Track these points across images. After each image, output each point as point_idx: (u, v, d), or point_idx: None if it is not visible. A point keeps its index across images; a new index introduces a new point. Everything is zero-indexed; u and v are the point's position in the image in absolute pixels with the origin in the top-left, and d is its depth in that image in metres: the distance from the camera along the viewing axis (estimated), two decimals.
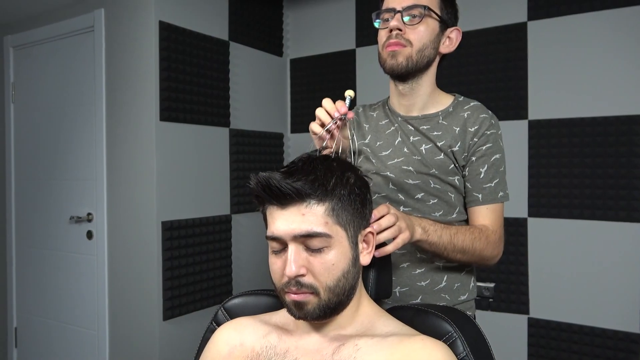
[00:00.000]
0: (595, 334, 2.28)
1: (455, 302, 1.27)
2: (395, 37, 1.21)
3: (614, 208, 2.25)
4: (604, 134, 2.26)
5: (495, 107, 2.44)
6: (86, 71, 2.65)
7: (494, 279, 2.48)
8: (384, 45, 1.24)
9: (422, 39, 1.22)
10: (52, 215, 2.85)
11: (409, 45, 1.22)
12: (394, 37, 1.22)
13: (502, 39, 2.48)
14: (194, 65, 2.53)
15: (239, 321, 0.98)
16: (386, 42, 1.23)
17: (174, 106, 2.43)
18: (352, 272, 0.87)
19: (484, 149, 1.23)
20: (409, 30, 1.21)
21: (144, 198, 2.40)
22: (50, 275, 2.87)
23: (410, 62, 1.22)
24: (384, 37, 1.25)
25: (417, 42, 1.22)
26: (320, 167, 0.87)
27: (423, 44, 1.23)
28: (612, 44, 2.25)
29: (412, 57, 1.22)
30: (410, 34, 1.21)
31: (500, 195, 1.24)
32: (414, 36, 1.22)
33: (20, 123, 3.03)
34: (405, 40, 1.21)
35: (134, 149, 2.44)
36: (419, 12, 1.20)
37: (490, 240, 1.20)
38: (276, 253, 0.87)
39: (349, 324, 0.89)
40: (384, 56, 1.25)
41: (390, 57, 1.23)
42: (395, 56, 1.22)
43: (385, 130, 1.33)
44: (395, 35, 1.21)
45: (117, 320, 2.54)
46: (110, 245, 2.56)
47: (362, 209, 0.90)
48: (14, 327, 3.05)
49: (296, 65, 3.17)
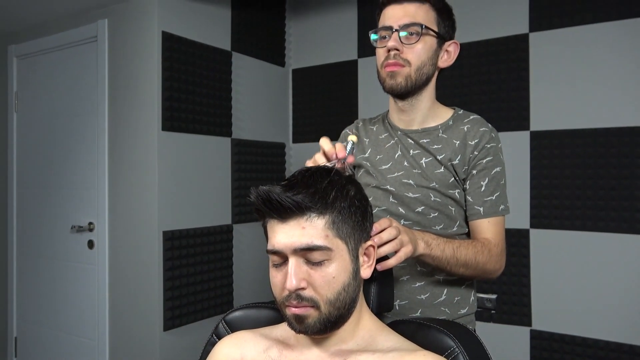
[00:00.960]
0: (599, 347, 2.26)
1: (455, 316, 1.26)
2: (393, 58, 1.21)
3: (616, 219, 2.24)
4: (606, 145, 2.26)
5: (497, 118, 2.44)
6: (89, 81, 2.66)
7: (496, 290, 2.47)
8: (382, 64, 1.24)
9: (420, 57, 1.22)
10: (53, 225, 2.85)
11: (408, 65, 1.22)
12: (392, 58, 1.21)
13: (504, 51, 2.48)
14: (197, 75, 2.54)
15: (239, 335, 0.97)
16: (384, 61, 1.23)
17: (176, 116, 2.43)
18: (352, 285, 0.86)
19: (484, 162, 1.23)
20: (407, 49, 1.21)
21: (146, 207, 2.40)
22: (51, 285, 2.86)
23: (409, 81, 1.23)
24: (382, 57, 1.24)
25: (415, 61, 1.22)
26: (320, 180, 0.86)
27: (421, 62, 1.22)
28: (613, 56, 2.25)
29: (411, 76, 1.22)
30: (408, 53, 1.21)
31: (501, 208, 1.23)
32: (412, 55, 1.21)
33: (22, 132, 3.04)
34: (404, 60, 1.21)
35: (135, 159, 2.45)
36: (416, 30, 1.20)
37: (492, 254, 1.19)
38: (277, 266, 0.86)
39: (350, 338, 0.89)
40: (382, 75, 1.25)
41: (390, 77, 1.23)
42: (394, 76, 1.23)
43: (385, 144, 1.33)
44: (394, 56, 1.21)
45: (117, 330, 2.53)
46: (111, 255, 2.55)
47: (363, 221, 0.90)
48: (14, 336, 3.04)
49: (298, 76, 3.18)
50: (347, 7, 2.98)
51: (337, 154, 1.04)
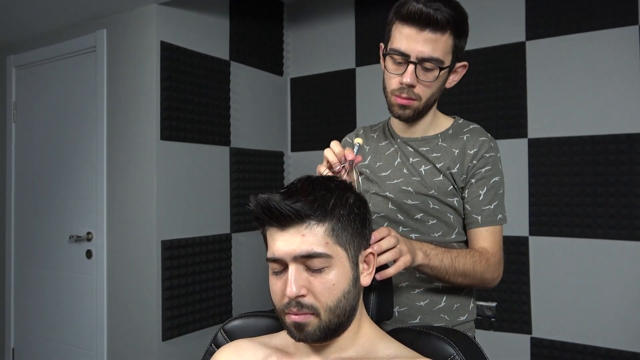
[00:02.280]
0: (599, 354, 2.25)
1: (454, 322, 1.26)
2: (407, 93, 1.20)
3: (615, 226, 2.24)
4: (604, 152, 2.27)
5: (494, 125, 2.45)
6: (88, 91, 2.67)
7: (496, 298, 2.46)
8: (393, 92, 1.22)
9: (431, 91, 1.22)
10: (51, 234, 2.84)
11: (418, 100, 1.21)
12: (405, 93, 1.20)
13: (501, 59, 2.50)
14: (195, 84, 2.55)
15: (238, 343, 0.97)
16: (396, 91, 1.21)
17: (174, 125, 2.44)
18: (352, 292, 0.86)
19: (483, 172, 1.23)
20: (420, 85, 1.19)
21: (144, 217, 2.40)
22: (49, 295, 2.85)
23: (417, 111, 1.23)
24: (394, 84, 1.21)
25: (426, 95, 1.21)
26: (320, 187, 0.87)
27: (431, 95, 1.22)
28: (610, 63, 2.27)
29: (420, 108, 1.23)
30: (420, 89, 1.20)
31: (499, 217, 1.24)
32: (424, 92, 1.20)
33: (21, 142, 3.04)
34: (415, 95, 1.20)
35: (134, 168, 2.45)
36: (432, 66, 1.17)
37: (490, 263, 1.19)
38: (276, 274, 0.86)
39: (349, 346, 0.88)
40: (392, 101, 1.24)
41: (399, 107, 1.23)
42: (403, 108, 1.23)
43: (385, 151, 1.34)
44: (407, 91, 1.20)
45: (115, 340, 2.52)
46: (110, 265, 2.54)
47: (362, 229, 0.90)
48: (11, 347, 3.03)
49: (296, 85, 3.19)
50: (344, 17, 3.00)
51: (347, 156, 1.05)
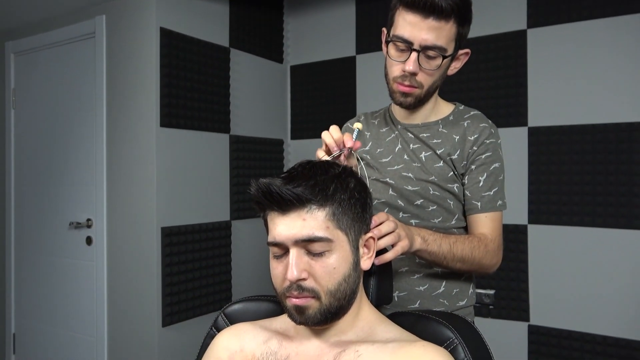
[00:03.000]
0: (596, 342, 2.27)
1: (453, 307, 1.27)
2: (408, 81, 1.20)
3: (614, 215, 2.25)
4: (604, 141, 2.27)
5: (495, 114, 2.45)
6: (87, 77, 2.66)
7: (494, 285, 2.48)
8: (394, 78, 1.22)
9: (433, 79, 1.22)
10: (51, 221, 2.85)
11: (420, 87, 1.21)
12: (408, 81, 1.20)
13: (502, 46, 2.49)
14: (195, 71, 2.54)
15: (239, 327, 0.98)
16: (398, 78, 1.21)
17: (174, 112, 2.43)
18: (353, 276, 0.86)
19: (483, 158, 1.24)
20: (422, 73, 1.19)
21: (144, 204, 2.40)
22: (49, 281, 2.86)
23: (418, 99, 1.23)
24: (396, 71, 1.21)
25: (428, 83, 1.21)
26: (320, 172, 0.87)
27: (433, 82, 1.22)
28: (611, 51, 2.26)
29: (422, 95, 1.23)
30: (423, 77, 1.20)
31: (499, 204, 1.24)
32: (426, 80, 1.20)
33: (20, 129, 3.03)
34: (418, 83, 1.20)
35: (134, 155, 2.45)
36: (435, 54, 1.16)
37: (489, 249, 1.20)
38: (277, 258, 0.87)
39: (349, 329, 0.89)
40: (393, 88, 1.24)
41: (400, 95, 1.23)
42: (405, 96, 1.23)
43: (386, 138, 1.34)
44: (409, 79, 1.20)
45: (115, 326, 2.53)
46: (110, 251, 2.55)
47: (363, 213, 0.90)
48: (12, 333, 3.04)
49: (296, 72, 3.18)
50: (345, 4, 2.98)
51: (345, 143, 1.05)
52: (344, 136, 1.06)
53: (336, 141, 1.06)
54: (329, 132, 1.08)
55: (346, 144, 1.05)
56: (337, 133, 1.07)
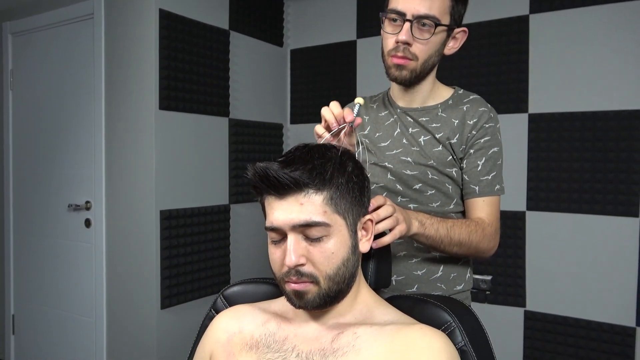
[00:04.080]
0: (591, 328, 2.29)
1: (451, 292, 1.27)
2: (402, 52, 1.19)
3: (612, 202, 2.25)
4: (605, 128, 2.26)
5: (495, 100, 2.44)
6: (85, 59, 2.64)
7: (491, 271, 2.49)
8: (389, 52, 1.22)
9: (428, 52, 1.21)
10: (50, 203, 2.85)
11: (415, 59, 1.20)
12: (401, 51, 1.19)
13: (503, 32, 2.47)
14: (194, 54, 2.52)
15: (238, 309, 0.98)
16: (392, 50, 1.21)
17: (173, 95, 2.42)
18: (351, 260, 0.87)
19: (482, 142, 1.23)
20: (416, 43, 1.19)
21: (143, 187, 2.40)
22: (48, 263, 2.87)
23: (414, 74, 1.22)
24: (390, 45, 1.21)
25: (422, 55, 1.20)
26: (318, 155, 0.86)
27: (429, 56, 1.21)
28: (614, 38, 2.25)
29: (417, 69, 1.22)
30: (417, 48, 1.19)
31: (497, 188, 1.24)
32: (420, 51, 1.20)
33: (18, 110, 3.02)
34: (412, 55, 1.20)
35: (133, 137, 2.44)
36: (429, 24, 1.16)
37: (486, 233, 1.20)
38: (275, 243, 0.86)
39: (347, 312, 0.90)
40: (388, 63, 1.24)
41: (395, 68, 1.22)
42: (400, 69, 1.22)
43: (385, 122, 1.33)
44: (403, 50, 1.19)
45: (114, 308, 2.55)
46: (109, 234, 2.55)
47: (361, 196, 0.90)
48: (11, 314, 3.06)
49: (296, 56, 3.16)
50: None
51: (345, 117, 1.03)
52: (344, 111, 1.04)
53: (336, 117, 1.04)
54: (329, 108, 1.06)
55: (346, 119, 1.03)
56: (338, 108, 1.05)
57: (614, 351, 2.24)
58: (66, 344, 2.78)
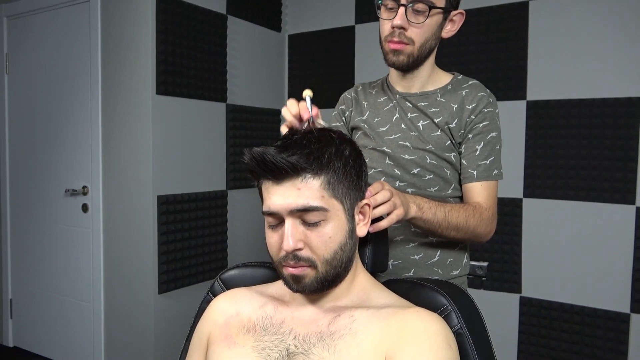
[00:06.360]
0: (585, 314, 2.31)
1: (447, 276, 1.28)
2: (398, 36, 1.19)
3: (609, 190, 2.26)
4: (602, 115, 2.26)
5: (494, 87, 2.40)
6: (82, 42, 2.62)
7: (488, 258, 2.50)
8: (385, 38, 1.22)
9: (424, 35, 1.20)
10: (47, 188, 2.84)
11: (411, 44, 1.20)
12: (397, 36, 1.19)
13: (503, 19, 2.45)
14: (191, 38, 2.50)
15: (235, 292, 0.98)
16: (388, 36, 1.21)
17: (170, 80, 2.41)
18: (349, 244, 0.87)
19: (480, 127, 1.23)
20: (412, 27, 1.19)
21: (140, 172, 2.39)
22: (46, 248, 2.87)
23: (412, 58, 1.22)
24: (386, 30, 1.22)
25: (419, 39, 1.20)
26: (315, 140, 0.85)
27: (425, 40, 1.21)
28: (613, 26, 2.24)
29: (414, 54, 1.22)
30: (413, 32, 1.19)
31: (494, 173, 1.24)
32: (417, 35, 1.20)
33: (14, 94, 3.00)
34: (408, 39, 1.20)
35: (129, 122, 2.43)
36: (423, 8, 1.16)
37: (483, 218, 1.20)
38: (273, 227, 0.86)
39: (344, 295, 0.90)
40: (385, 49, 1.24)
41: (392, 53, 1.22)
42: (397, 54, 1.22)
43: (384, 107, 1.33)
44: (399, 34, 1.19)
45: (112, 293, 2.56)
46: (106, 219, 2.55)
47: (358, 180, 0.89)
48: (9, 298, 3.07)
49: (294, 41, 3.14)
50: None
51: (302, 116, 1.03)
52: (299, 108, 1.03)
53: (294, 115, 1.04)
54: (287, 108, 1.06)
55: (303, 117, 1.03)
56: (295, 107, 1.05)
57: (608, 337, 2.27)
58: (64, 328, 2.80)
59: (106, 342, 2.60)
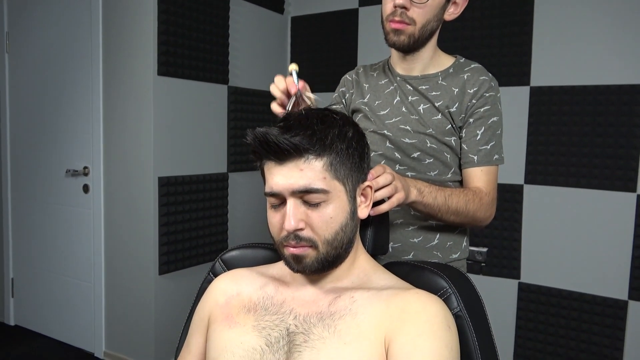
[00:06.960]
0: (584, 300, 2.32)
1: (447, 260, 1.29)
2: (399, 16, 1.18)
3: (610, 177, 2.26)
4: (606, 102, 2.25)
5: (497, 72, 2.39)
6: (83, 22, 2.59)
7: (487, 243, 2.51)
8: (387, 17, 1.22)
9: (426, 16, 1.20)
10: (48, 168, 2.84)
11: (413, 24, 1.19)
12: (399, 16, 1.18)
13: (507, 3, 2.43)
14: (193, 19, 2.48)
15: (236, 272, 0.99)
16: (390, 15, 1.20)
17: (172, 61, 2.39)
18: (350, 225, 0.87)
19: (481, 111, 1.23)
20: (414, 7, 1.18)
21: (141, 153, 2.39)
22: (47, 228, 2.88)
23: (412, 39, 1.21)
24: (388, 10, 1.21)
25: (420, 20, 1.19)
26: (318, 121, 0.85)
27: (427, 21, 1.20)
28: (618, 12, 2.22)
29: (415, 34, 1.21)
30: (415, 12, 1.18)
31: (495, 157, 1.24)
32: (418, 15, 1.19)
33: (15, 74, 2.98)
34: (409, 19, 1.19)
35: (131, 103, 2.42)
36: None
37: (483, 202, 1.20)
38: (275, 207, 0.86)
39: (345, 276, 0.90)
40: (387, 29, 1.23)
41: (394, 33, 1.22)
42: (398, 34, 1.21)
43: (384, 90, 1.32)
44: (400, 14, 1.18)
45: (113, 273, 2.57)
46: (107, 200, 2.56)
47: (360, 162, 0.89)
48: (10, 277, 3.09)
49: (297, 24, 3.12)
50: None
51: (290, 90, 1.03)
52: (286, 83, 1.04)
53: (282, 91, 1.05)
54: (275, 84, 1.06)
55: (291, 92, 1.03)
56: (282, 82, 1.05)
57: (605, 323, 2.28)
58: (65, 308, 2.82)
59: (107, 322, 2.62)
